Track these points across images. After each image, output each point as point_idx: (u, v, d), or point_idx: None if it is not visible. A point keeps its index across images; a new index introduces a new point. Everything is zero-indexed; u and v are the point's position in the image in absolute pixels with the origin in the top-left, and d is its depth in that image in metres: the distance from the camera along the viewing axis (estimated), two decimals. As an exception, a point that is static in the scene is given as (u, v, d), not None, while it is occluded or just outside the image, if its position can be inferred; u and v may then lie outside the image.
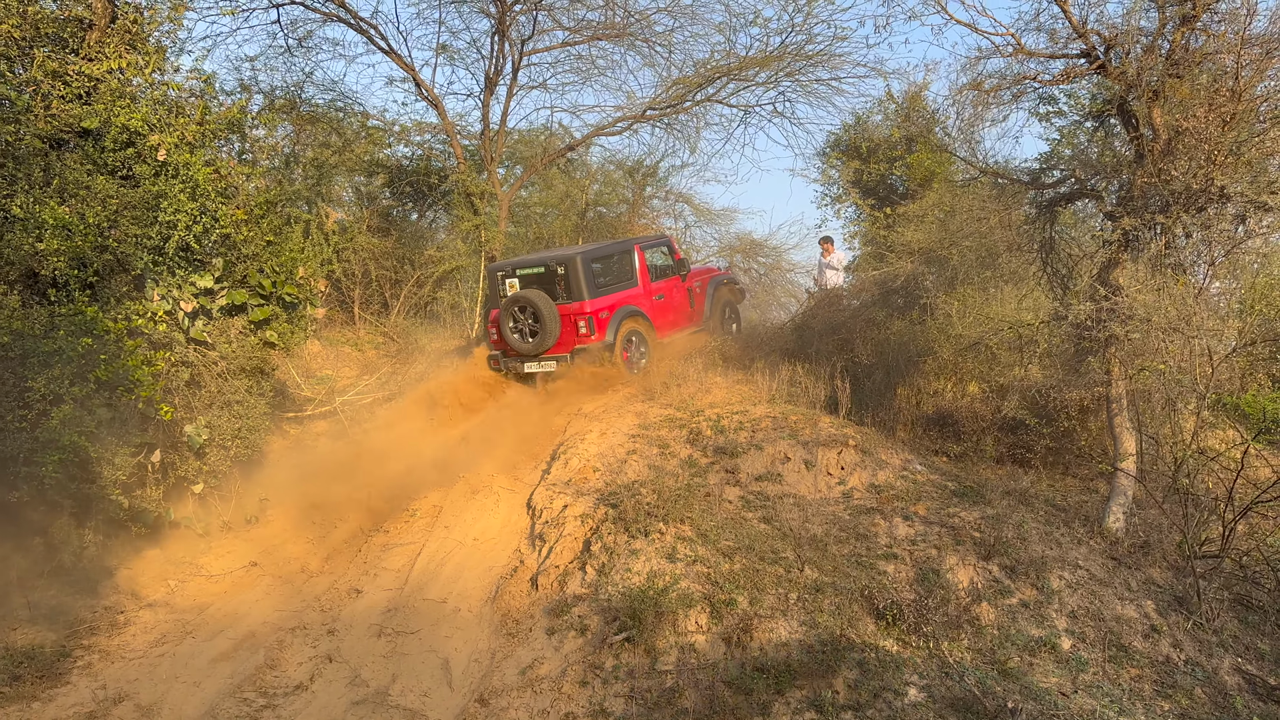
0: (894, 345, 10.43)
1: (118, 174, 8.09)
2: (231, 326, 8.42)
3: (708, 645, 6.31)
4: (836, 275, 13.96)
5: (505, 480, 9.26)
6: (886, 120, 14.66)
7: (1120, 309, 7.51)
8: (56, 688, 6.42)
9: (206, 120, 8.38)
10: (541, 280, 11.55)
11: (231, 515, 8.80)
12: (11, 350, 7.15)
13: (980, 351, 9.38)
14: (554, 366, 11.42)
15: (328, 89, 17.18)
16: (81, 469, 7.34)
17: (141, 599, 7.77)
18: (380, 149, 16.80)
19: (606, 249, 12.09)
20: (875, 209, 14.71)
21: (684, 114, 16.17)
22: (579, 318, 11.25)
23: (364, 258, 14.93)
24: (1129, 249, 7.89)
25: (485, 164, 15.86)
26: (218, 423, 8.27)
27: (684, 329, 12.93)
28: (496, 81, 15.55)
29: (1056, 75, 8.27)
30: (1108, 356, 7.85)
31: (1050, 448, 8.86)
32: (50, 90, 7.93)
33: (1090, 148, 8.53)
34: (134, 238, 7.81)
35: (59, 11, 8.18)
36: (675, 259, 12.93)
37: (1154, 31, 7.66)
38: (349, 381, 12.45)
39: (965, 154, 9.19)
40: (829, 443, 8.69)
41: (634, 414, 10.18)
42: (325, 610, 7.51)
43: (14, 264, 7.45)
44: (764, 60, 14.60)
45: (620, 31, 15.08)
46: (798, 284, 21.53)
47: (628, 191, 19.56)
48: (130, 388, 7.53)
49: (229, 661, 6.83)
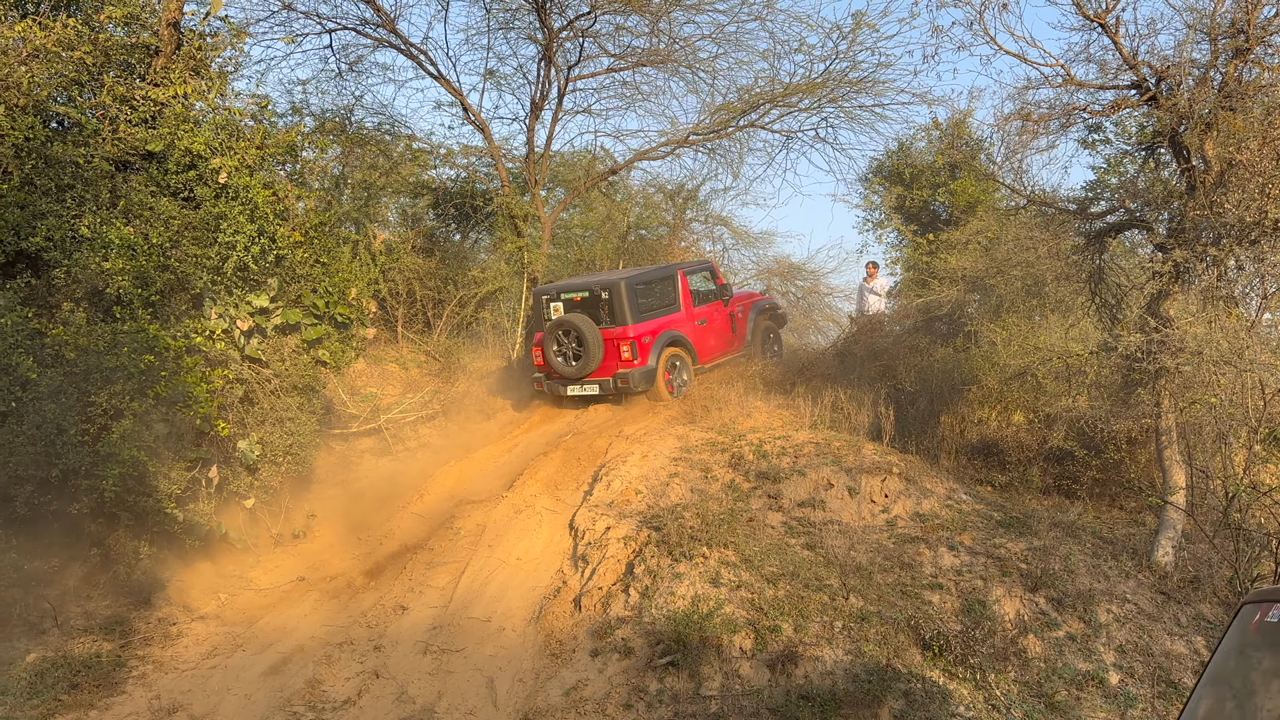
0: (938, 372, 10.42)
1: (180, 196, 8.33)
2: (285, 345, 8.61)
3: (752, 672, 6.32)
4: (878, 301, 13.97)
5: (548, 500, 9.34)
6: (930, 146, 14.67)
7: (1171, 341, 7.45)
8: (113, 697, 6.57)
9: (265, 144, 8.60)
10: (585, 304, 11.71)
11: (280, 530, 8.96)
12: (77, 366, 7.37)
13: (1026, 380, 9.34)
14: (596, 390, 11.56)
15: (377, 112, 17.55)
16: (139, 482, 7.52)
17: (193, 611, 7.92)
18: (426, 171, 17.09)
19: (650, 274, 12.22)
20: (918, 235, 14.69)
21: (727, 139, 16.30)
22: (622, 342, 11.39)
23: (408, 277, 15.16)
24: (1180, 280, 7.84)
25: (529, 187, 16.06)
26: (270, 439, 8.44)
27: (725, 354, 12.99)
28: (542, 106, 15.76)
29: (1106, 106, 8.26)
30: (1158, 388, 7.79)
31: (1097, 479, 8.79)
32: (118, 114, 8.19)
33: (1139, 178, 8.50)
34: (194, 258, 8.03)
35: (128, 38, 8.46)
36: (718, 284, 13.01)
37: (1206, 63, 7.64)
38: (393, 399, 12.62)
39: (1011, 181, 9.20)
40: (873, 470, 8.69)
41: (675, 437, 10.23)
42: (372, 626, 7.61)
43: (81, 282, 7.68)
44: (808, 87, 14.68)
45: (665, 58, 15.24)
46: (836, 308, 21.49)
47: (668, 214, 19.70)
48: (188, 404, 7.72)
49: (278, 675, 6.94)
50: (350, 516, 9.70)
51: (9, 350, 7.14)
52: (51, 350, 7.39)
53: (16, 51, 7.67)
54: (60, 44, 7.79)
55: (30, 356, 7.23)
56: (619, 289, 11.45)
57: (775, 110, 15.43)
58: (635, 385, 11.36)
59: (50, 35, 7.71)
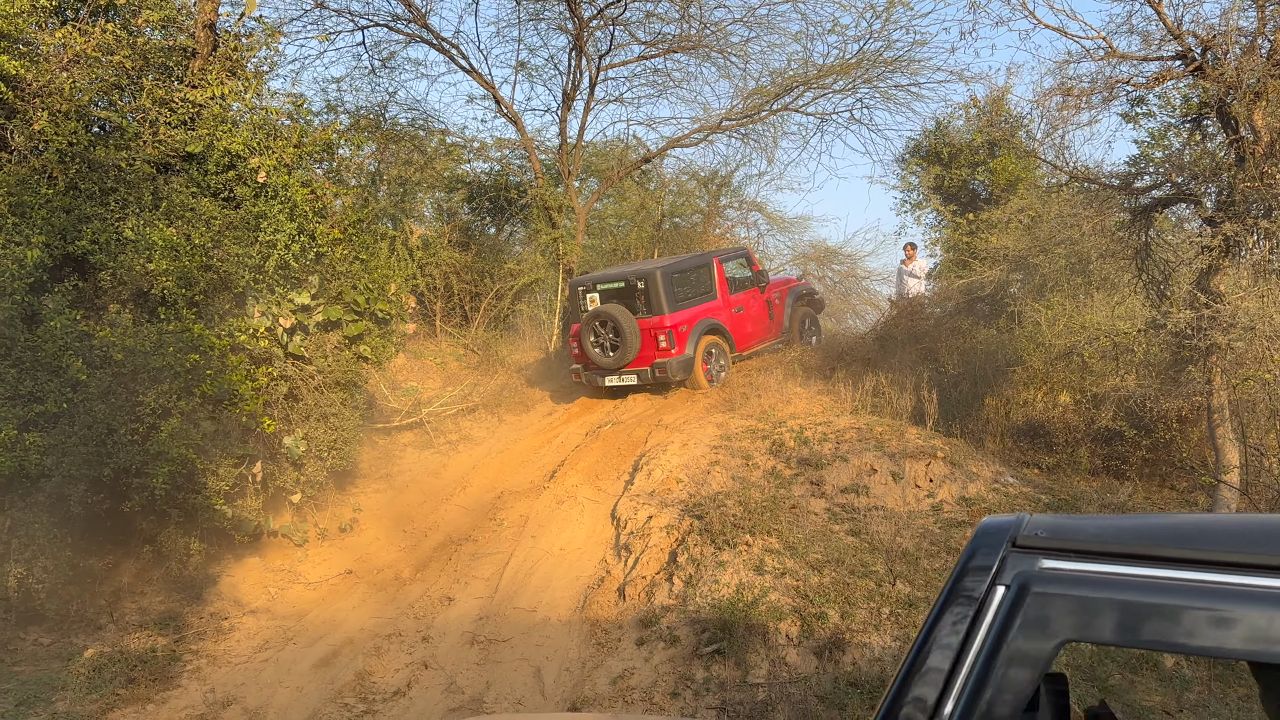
0: (981, 354, 10.27)
1: (220, 196, 8.42)
2: (327, 341, 8.69)
3: (799, 659, 6.29)
4: (918, 283, 13.80)
5: (589, 491, 9.36)
6: (969, 125, 14.45)
7: (1222, 316, 7.28)
8: (169, 690, 6.69)
9: (302, 143, 8.67)
10: (622, 295, 11.77)
11: (327, 524, 9.06)
12: (124, 366, 7.49)
13: (1072, 360, 9.18)
14: (634, 380, 11.56)
15: (410, 108, 17.62)
16: (188, 480, 7.64)
17: (244, 606, 8.05)
18: (460, 165, 17.16)
19: (685, 262, 12.18)
20: (957, 215, 14.49)
21: (760, 124, 16.17)
22: (659, 331, 11.41)
23: (445, 272, 15.25)
24: (1230, 255, 7.65)
25: (562, 177, 16.07)
26: (315, 434, 8.53)
27: (763, 341, 12.91)
28: (574, 96, 15.75)
29: (1150, 78, 8.06)
30: (1209, 365, 7.61)
31: (1147, 459, 8.62)
32: (158, 117, 8.30)
33: (1185, 151, 8.30)
34: (236, 257, 8.12)
35: (165, 41, 8.56)
36: (754, 270, 12.92)
37: (1254, 30, 7.43)
38: (433, 393, 12.71)
39: (1052, 158, 9.02)
40: (916, 454, 8.59)
41: (715, 425, 10.20)
42: (419, 618, 7.68)
43: (126, 284, 7.80)
44: (842, 68, 14.52)
45: (696, 44, 15.15)
46: (874, 292, 21.30)
47: (702, 201, 19.62)
48: (234, 401, 7.82)
49: (329, 667, 7.03)
50: (395, 509, 9.80)
51: (59, 353, 7.28)
52: (100, 352, 7.52)
53: (58, 58, 7.79)
54: (100, 49, 7.90)
55: (80, 358, 7.37)
56: (655, 278, 11.42)
57: (809, 93, 15.29)
58: (673, 374, 11.34)
59: (90, 41, 7.82)
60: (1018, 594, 1.45)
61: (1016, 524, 1.59)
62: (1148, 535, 1.52)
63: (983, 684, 1.42)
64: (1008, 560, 1.50)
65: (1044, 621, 1.42)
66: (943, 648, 1.48)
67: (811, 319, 13.99)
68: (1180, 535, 1.50)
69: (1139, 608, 1.38)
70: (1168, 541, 1.46)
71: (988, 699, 1.41)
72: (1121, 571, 1.42)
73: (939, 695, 1.45)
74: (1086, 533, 1.53)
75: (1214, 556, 1.37)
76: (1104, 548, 1.47)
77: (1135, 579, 1.40)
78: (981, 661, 1.43)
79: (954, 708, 1.43)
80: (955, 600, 1.52)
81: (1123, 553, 1.45)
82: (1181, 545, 1.42)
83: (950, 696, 1.44)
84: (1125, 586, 1.40)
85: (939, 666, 1.47)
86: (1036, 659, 1.41)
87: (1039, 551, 1.50)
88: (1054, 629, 1.42)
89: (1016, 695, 1.41)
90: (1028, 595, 1.44)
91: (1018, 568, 1.48)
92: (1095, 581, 1.42)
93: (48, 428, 7.31)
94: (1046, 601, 1.42)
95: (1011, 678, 1.41)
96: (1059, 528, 1.55)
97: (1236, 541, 1.42)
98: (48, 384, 7.28)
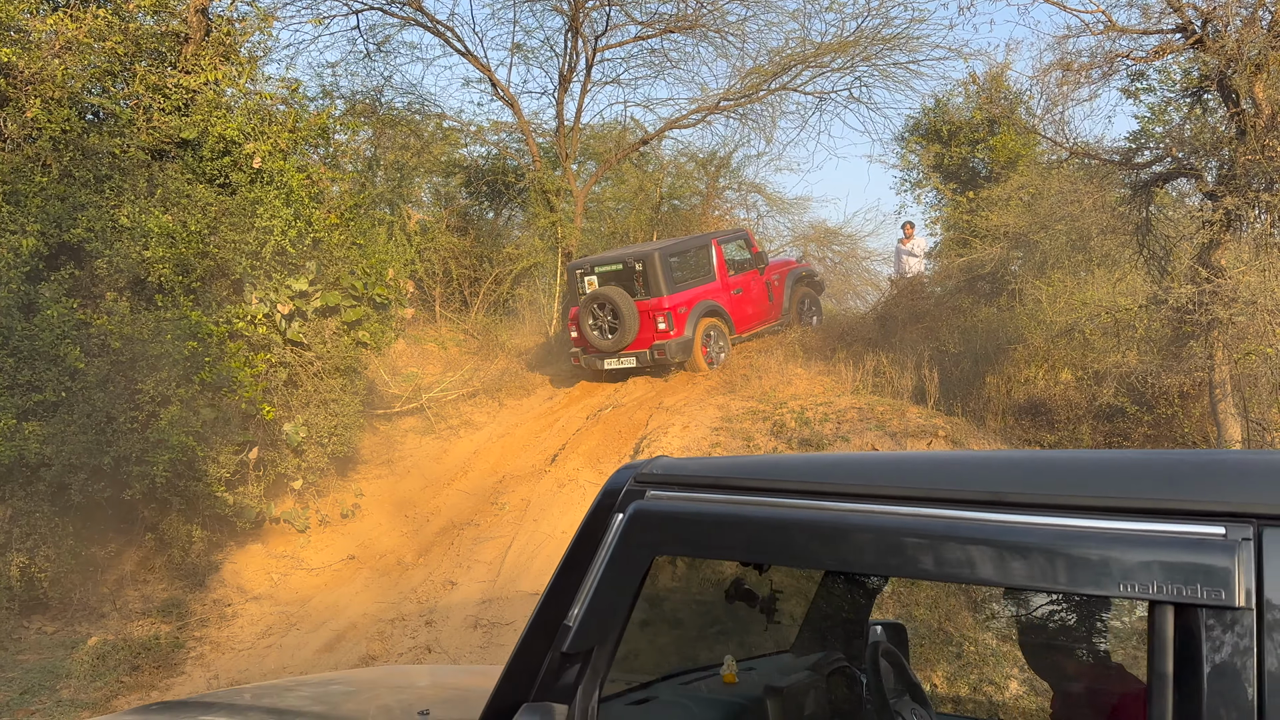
0: (981, 332, 10.24)
1: (216, 182, 8.38)
2: (326, 327, 8.66)
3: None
4: (917, 262, 13.75)
5: (590, 474, 9.36)
6: (968, 102, 14.36)
7: (1223, 291, 7.24)
8: (173, 678, 6.71)
9: (298, 128, 8.62)
10: (620, 277, 11.65)
11: (329, 510, 9.07)
12: (123, 355, 7.48)
13: (1073, 337, 9.15)
14: (633, 363, 11.50)
15: (406, 92, 17.57)
16: (188, 467, 7.63)
17: (247, 592, 8.06)
18: (457, 149, 17.08)
19: (683, 244, 12.11)
20: (957, 193, 14.43)
21: (758, 103, 16.08)
22: (657, 314, 11.29)
23: (444, 257, 15.21)
24: (1231, 229, 7.61)
25: (560, 160, 16.00)
26: (315, 421, 8.52)
27: (763, 323, 12.86)
28: (570, 78, 15.66)
29: (1150, 52, 8.01)
30: (1210, 340, 7.58)
31: (1149, 435, 8.60)
32: (151, 103, 8.25)
33: (1186, 125, 8.24)
34: (232, 243, 8.09)
35: (157, 27, 8.50)
36: (753, 252, 12.86)
37: (1254, 3, 7.36)
38: (433, 378, 12.69)
39: (1052, 134, 8.96)
40: (918, 433, 8.58)
41: (716, 407, 10.18)
42: (422, 602, 7.69)
43: (123, 271, 7.77)
44: (840, 46, 14.42)
45: (693, 23, 15.04)
46: (875, 272, 21.23)
47: (701, 183, 19.52)
48: (233, 388, 7.81)
49: (333, 652, 7.05)
50: (397, 495, 9.80)
51: (57, 341, 7.26)
52: (98, 340, 7.50)
53: (50, 45, 7.73)
54: (91, 35, 7.84)
55: (77, 347, 7.36)
56: (653, 260, 11.34)
57: (807, 72, 15.19)
58: (672, 356, 11.27)
59: (81, 27, 7.76)
60: (629, 519, 1.73)
61: (646, 465, 1.84)
62: (727, 470, 1.78)
63: (599, 592, 1.72)
64: (629, 493, 1.78)
65: (640, 539, 1.71)
66: (575, 565, 1.77)
67: (812, 300, 13.94)
68: (749, 469, 1.77)
69: (699, 525, 1.69)
70: (736, 474, 1.74)
71: (600, 603, 1.72)
72: (699, 497, 1.71)
73: (569, 603, 1.75)
74: (690, 469, 1.80)
75: (766, 484, 1.66)
76: (695, 480, 1.75)
77: (705, 502, 1.70)
78: (599, 574, 1.73)
79: (578, 610, 1.73)
80: (588, 527, 1.80)
81: (705, 483, 1.74)
82: (746, 476, 1.71)
83: (576, 603, 1.74)
84: (698, 510, 1.70)
85: (572, 580, 1.76)
86: (636, 569, 1.70)
87: (651, 485, 1.78)
88: (647, 544, 1.71)
89: (619, 600, 1.70)
90: (634, 519, 1.73)
91: (632, 499, 1.77)
92: (680, 507, 1.72)
93: (47, 416, 7.30)
94: (644, 522, 1.72)
95: (617, 586, 1.71)
96: (674, 466, 1.82)
97: (788, 474, 1.69)
98: (46, 373, 7.27)
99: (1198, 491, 1.24)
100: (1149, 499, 1.25)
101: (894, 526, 1.43)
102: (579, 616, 1.73)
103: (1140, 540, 1.21)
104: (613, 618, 1.71)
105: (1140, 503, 1.25)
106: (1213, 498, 1.21)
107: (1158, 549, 1.19)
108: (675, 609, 2.85)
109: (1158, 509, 1.23)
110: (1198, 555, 1.17)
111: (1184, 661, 1.17)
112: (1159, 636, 1.19)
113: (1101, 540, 1.24)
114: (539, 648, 1.77)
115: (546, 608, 1.79)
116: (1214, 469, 1.30)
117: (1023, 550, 1.28)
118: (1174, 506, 1.22)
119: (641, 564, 1.71)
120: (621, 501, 1.78)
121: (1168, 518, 1.22)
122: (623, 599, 1.71)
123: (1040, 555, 1.27)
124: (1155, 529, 1.21)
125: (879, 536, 1.44)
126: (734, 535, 1.65)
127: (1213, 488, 1.23)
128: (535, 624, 1.79)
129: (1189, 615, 1.16)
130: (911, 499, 1.45)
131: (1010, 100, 12.90)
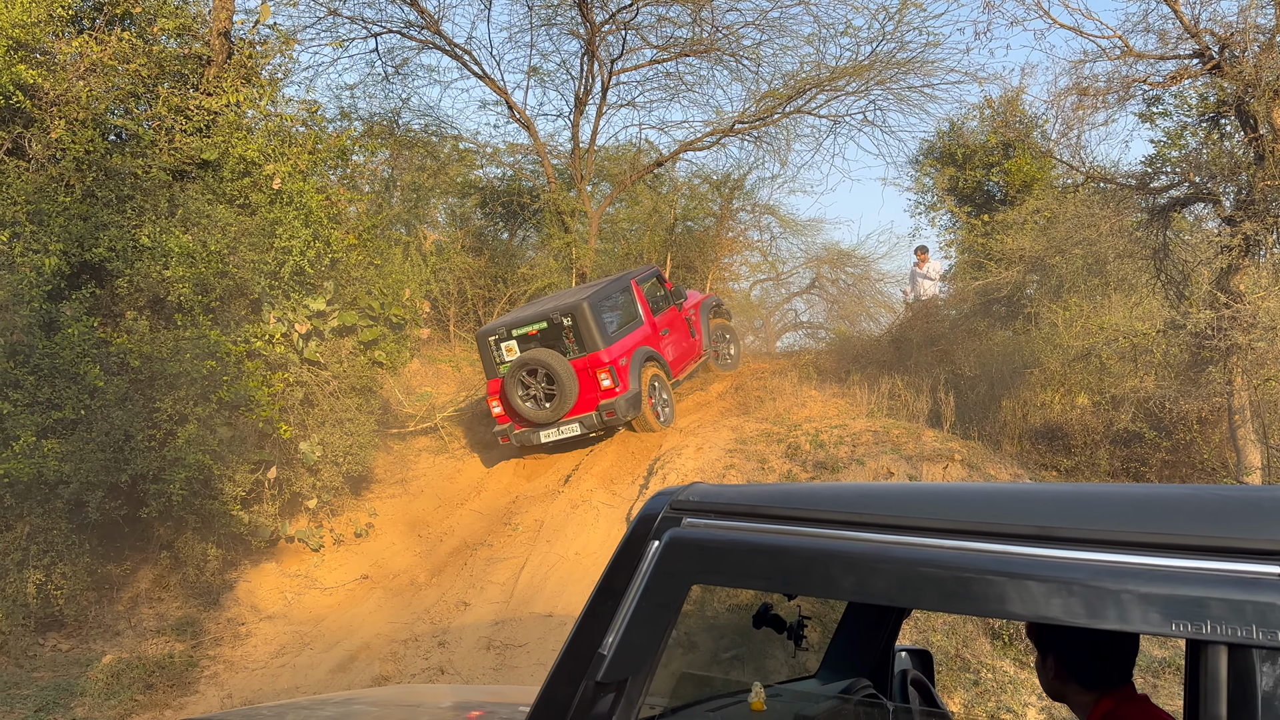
0: (997, 356, 10.20)
1: (236, 203, 8.45)
2: (342, 347, 8.71)
3: (818, 663, 6.25)
4: (932, 285, 13.74)
5: (604, 495, 9.34)
6: (983, 125, 14.38)
7: (1242, 316, 7.21)
8: (187, 696, 6.70)
9: (317, 149, 8.69)
10: (544, 337, 10.33)
11: (343, 529, 9.07)
12: (141, 373, 7.52)
13: (1090, 362, 9.11)
14: (577, 429, 10.26)
15: (423, 114, 17.70)
16: (205, 486, 7.66)
17: (261, 611, 8.05)
18: (473, 170, 17.20)
19: (607, 288, 10.98)
20: (972, 216, 14.42)
21: (773, 126, 16.14)
22: (598, 369, 10.06)
23: (459, 277, 15.28)
24: (1250, 254, 7.59)
25: (575, 182, 16.08)
26: (330, 440, 8.54)
27: (692, 362, 12.15)
28: (586, 101, 15.76)
29: (1166, 77, 8.02)
30: (1229, 366, 7.55)
31: (1167, 461, 8.54)
32: (173, 125, 8.34)
33: (1203, 150, 8.24)
34: (252, 263, 8.14)
35: (180, 49, 8.60)
36: (667, 288, 11.97)
37: (1272, 28, 7.38)
38: (448, 398, 12.72)
39: (1068, 158, 8.97)
40: (934, 457, 8.54)
41: (730, 428, 10.16)
42: (435, 623, 7.67)
43: (143, 290, 7.84)
44: (855, 70, 14.47)
45: (708, 47, 15.13)
46: (888, 294, 21.23)
47: (715, 205, 19.59)
48: (250, 407, 7.84)
49: (346, 673, 7.02)
50: (410, 514, 9.80)
51: (77, 359, 7.31)
52: (117, 358, 7.55)
53: (74, 67, 7.83)
54: (116, 58, 7.94)
55: (97, 365, 7.40)
56: (583, 311, 10.08)
57: (822, 95, 15.24)
58: (622, 415, 10.09)
59: (106, 49, 7.87)
60: (665, 547, 1.70)
61: (682, 491, 1.81)
62: (765, 498, 1.74)
63: (634, 621, 1.68)
64: (664, 520, 1.75)
65: (677, 568, 1.67)
66: (610, 592, 1.73)
67: (724, 329, 13.21)
68: (788, 498, 1.73)
69: (737, 555, 1.64)
70: (775, 503, 1.69)
71: (635, 632, 1.68)
72: (736, 526, 1.68)
73: (604, 631, 1.71)
74: (726, 497, 1.76)
75: (805, 514, 1.63)
76: (733, 508, 1.71)
77: (743, 531, 1.66)
78: (634, 602, 1.69)
79: (612, 639, 1.69)
80: (623, 554, 1.76)
81: (743, 512, 1.69)
82: (785, 505, 1.67)
83: (611, 631, 1.70)
84: (736, 539, 1.65)
85: (607, 608, 1.72)
86: (672, 598, 1.67)
87: (688, 512, 1.74)
88: (683, 573, 1.67)
89: (655, 629, 1.67)
90: (670, 547, 1.69)
91: (668, 526, 1.73)
92: (717, 535, 1.68)
93: (66, 434, 7.34)
94: (680, 551, 1.68)
95: (653, 615, 1.67)
96: (710, 493, 1.78)
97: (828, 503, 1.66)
98: (66, 391, 7.31)
99: (1251, 529, 1.22)
100: (1201, 536, 1.23)
101: (941, 561, 1.40)
102: (614, 645, 1.69)
103: (1193, 578, 1.20)
104: (648, 647, 1.68)
105: (1192, 539, 1.23)
106: (1267, 535, 1.20)
107: (1211, 587, 1.18)
108: (700, 634, 2.83)
109: (1210, 546, 1.22)
110: (1254, 594, 1.15)
111: (1238, 705, 1.15)
112: (1211, 678, 1.17)
113: (1152, 578, 1.22)
114: (573, 676, 1.74)
115: (580, 635, 1.76)
116: (1266, 505, 1.28)
117: (1070, 586, 1.27)
118: (1227, 544, 1.21)
119: (678, 593, 1.67)
120: (658, 528, 1.75)
121: (1221, 555, 1.20)
122: (658, 628, 1.67)
123: (1088, 592, 1.25)
124: (1208, 566, 1.20)
125: (924, 571, 1.42)
126: (773, 565, 1.61)
127: (1266, 525, 1.22)
128: (569, 652, 1.77)
129: (1243, 656, 1.15)
130: (959, 532, 1.43)
131: (1025, 124, 12.92)
